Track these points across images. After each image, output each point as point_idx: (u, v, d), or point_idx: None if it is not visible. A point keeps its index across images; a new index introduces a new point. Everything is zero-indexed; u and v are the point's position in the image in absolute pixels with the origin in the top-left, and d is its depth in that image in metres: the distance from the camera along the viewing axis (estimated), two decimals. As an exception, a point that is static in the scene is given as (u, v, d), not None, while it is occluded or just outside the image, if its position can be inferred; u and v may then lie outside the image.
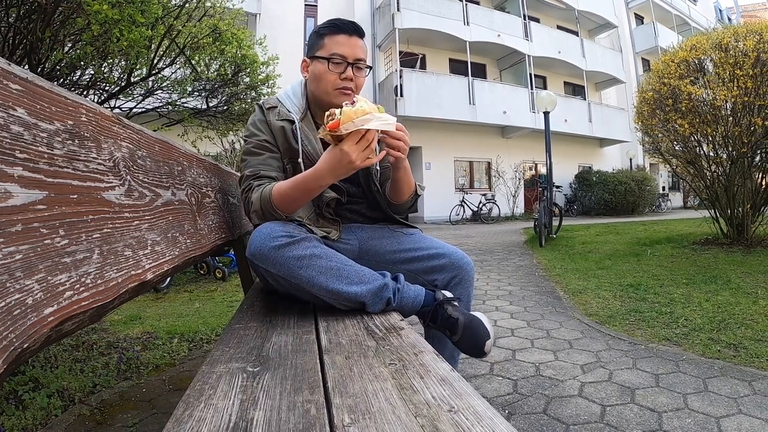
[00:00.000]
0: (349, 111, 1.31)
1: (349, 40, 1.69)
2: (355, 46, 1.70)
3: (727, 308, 3.63)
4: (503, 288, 5.07)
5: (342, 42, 1.68)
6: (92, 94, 4.09)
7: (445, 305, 1.51)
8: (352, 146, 1.35)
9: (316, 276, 1.38)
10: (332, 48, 1.68)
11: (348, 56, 1.68)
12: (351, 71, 1.69)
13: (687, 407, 2.12)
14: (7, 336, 0.62)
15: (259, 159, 1.70)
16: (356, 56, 1.69)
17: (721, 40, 6.23)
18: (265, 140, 1.72)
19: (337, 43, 1.68)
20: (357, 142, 1.35)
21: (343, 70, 1.68)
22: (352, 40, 1.70)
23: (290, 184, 1.52)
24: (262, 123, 1.75)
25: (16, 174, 0.71)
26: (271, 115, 1.75)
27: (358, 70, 1.72)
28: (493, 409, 0.74)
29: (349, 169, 1.40)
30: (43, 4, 2.59)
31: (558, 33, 23.31)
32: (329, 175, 1.44)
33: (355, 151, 1.35)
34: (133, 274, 1.01)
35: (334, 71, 1.68)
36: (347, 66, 1.68)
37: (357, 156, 1.36)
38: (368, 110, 1.32)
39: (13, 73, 0.75)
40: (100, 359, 3.00)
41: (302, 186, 1.49)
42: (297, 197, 1.52)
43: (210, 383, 0.88)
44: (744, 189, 6.40)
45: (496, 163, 21.25)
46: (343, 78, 1.68)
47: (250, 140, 1.75)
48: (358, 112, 1.30)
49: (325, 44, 1.70)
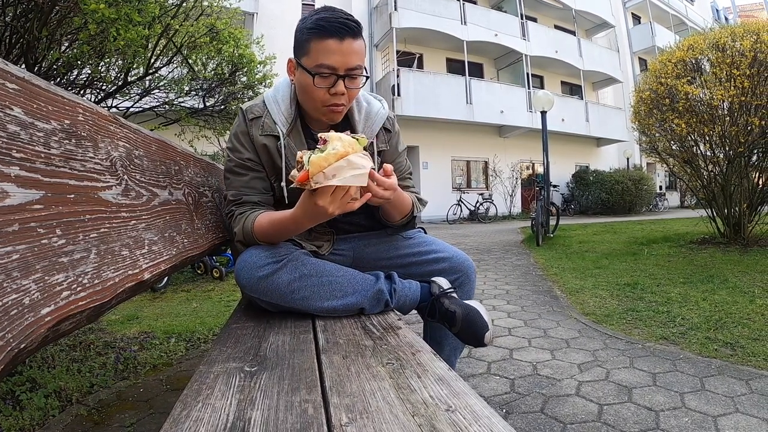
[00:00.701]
0: (318, 159, 1.10)
1: (340, 46, 1.38)
2: (348, 52, 1.39)
3: (724, 307, 3.64)
4: (500, 287, 5.07)
5: (332, 50, 1.37)
6: (89, 93, 4.08)
7: (442, 299, 1.50)
8: (326, 199, 1.18)
9: (309, 298, 1.35)
10: (319, 57, 1.39)
11: (339, 67, 1.39)
12: (342, 85, 1.42)
13: (684, 406, 2.12)
14: (4, 336, 0.62)
15: (242, 181, 1.56)
16: (348, 66, 1.40)
17: (718, 40, 6.24)
18: (248, 158, 1.55)
19: (325, 51, 1.38)
20: (332, 193, 1.18)
21: (332, 84, 1.42)
22: (345, 45, 1.38)
23: (269, 223, 1.41)
24: (244, 136, 1.56)
25: (12, 173, 0.71)
26: (254, 128, 1.55)
27: (352, 80, 1.45)
28: (491, 408, 0.74)
29: (329, 218, 1.26)
30: (39, 3, 2.59)
31: (555, 32, 23.33)
32: (307, 222, 1.32)
33: (331, 204, 1.19)
34: (130, 273, 1.01)
35: (321, 86, 1.42)
36: (338, 79, 1.41)
37: (334, 207, 1.20)
38: (342, 153, 1.11)
39: (10, 72, 0.75)
40: (97, 359, 2.99)
41: (281, 228, 1.39)
42: (277, 236, 1.43)
43: (207, 383, 0.88)
44: (741, 188, 6.41)
45: (493, 162, 21.28)
46: (333, 93, 1.43)
47: (231, 156, 1.58)
48: (329, 158, 1.10)
49: (311, 50, 1.40)
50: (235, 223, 1.53)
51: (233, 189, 1.58)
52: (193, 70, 4.79)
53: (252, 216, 1.47)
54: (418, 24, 19.05)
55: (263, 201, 1.58)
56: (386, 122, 1.72)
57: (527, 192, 21.93)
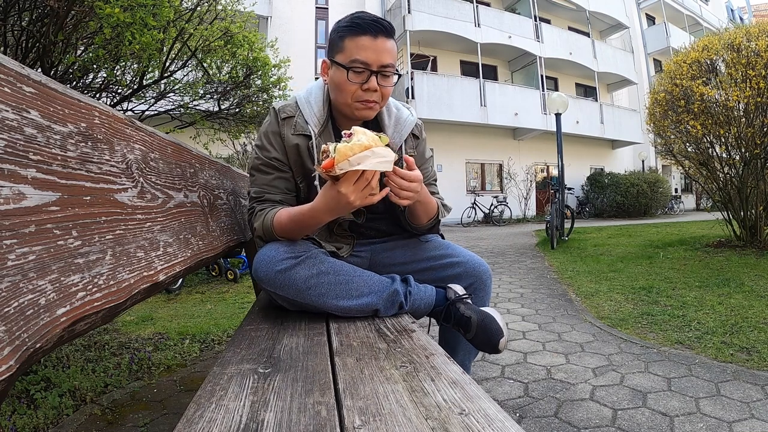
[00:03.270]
0: (344, 148, 1.15)
1: (374, 43, 1.43)
2: (381, 50, 1.45)
3: (740, 311, 3.60)
4: (515, 290, 5.05)
5: (365, 46, 1.43)
6: (105, 96, 4.12)
7: (458, 304, 1.49)
8: (349, 187, 1.21)
9: (325, 295, 1.36)
10: (353, 53, 1.44)
11: (372, 63, 1.44)
12: (375, 81, 1.46)
13: (699, 411, 2.10)
14: (20, 336, 0.62)
15: (266, 179, 1.59)
16: (382, 63, 1.45)
17: (733, 41, 6.19)
18: (275, 158, 1.58)
19: (359, 47, 1.43)
20: (355, 182, 1.21)
21: (365, 80, 1.46)
22: (378, 42, 1.44)
23: (289, 218, 1.43)
24: (275, 135, 1.58)
25: (29, 176, 0.72)
26: (286, 128, 1.57)
27: (385, 78, 1.49)
28: (504, 412, 0.74)
29: (347, 210, 1.29)
30: (55, 8, 2.61)
31: (569, 34, 23.22)
32: (326, 215, 1.34)
33: (353, 192, 1.22)
34: (145, 275, 1.01)
35: (354, 81, 1.46)
36: (371, 75, 1.46)
37: (356, 197, 1.23)
38: (366, 144, 1.17)
39: (27, 75, 0.76)
40: (111, 359, 3.02)
41: (300, 222, 1.41)
42: (296, 231, 1.44)
43: (221, 384, 0.88)
44: (757, 191, 6.34)
45: (508, 165, 21.22)
46: (366, 89, 1.47)
47: (259, 154, 1.61)
48: (354, 149, 1.15)
49: (346, 47, 1.46)
50: (255, 219, 1.54)
51: (257, 186, 1.60)
52: (207, 73, 4.82)
53: (272, 212, 1.49)
54: (432, 26, 19.06)
55: (285, 200, 1.59)
56: (414, 129, 1.73)
57: (542, 194, 21.82)
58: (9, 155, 0.68)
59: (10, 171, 0.68)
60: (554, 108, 9.84)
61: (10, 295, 0.62)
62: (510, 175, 21.09)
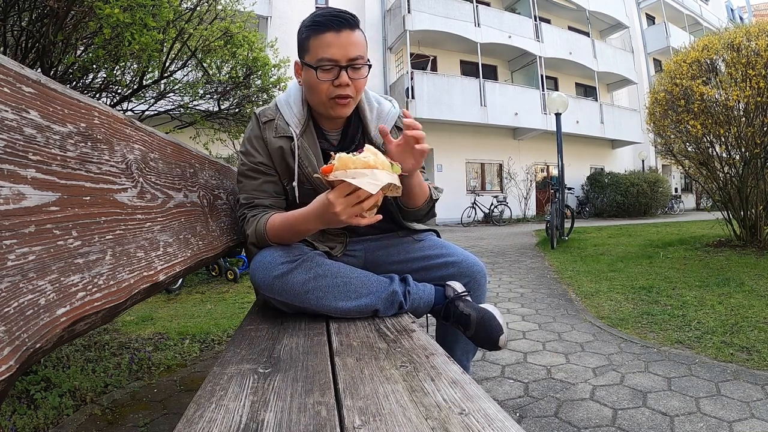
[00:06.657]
0: (347, 159, 1.16)
1: (338, 38, 1.41)
2: (346, 44, 1.42)
3: (740, 311, 3.59)
4: (515, 290, 5.05)
5: (330, 42, 1.41)
6: (104, 96, 4.11)
7: (457, 302, 1.49)
8: (338, 198, 1.20)
9: (323, 298, 1.35)
10: (318, 52, 1.42)
11: (339, 59, 1.42)
12: (345, 76, 1.44)
13: (699, 411, 2.10)
14: (20, 336, 0.62)
15: (254, 184, 1.59)
16: (349, 56, 1.43)
17: (733, 40, 6.18)
18: (261, 162, 1.58)
19: (323, 44, 1.42)
20: (346, 195, 1.20)
21: (336, 76, 1.44)
22: (342, 36, 1.42)
23: (281, 224, 1.44)
24: (258, 140, 1.59)
25: (29, 176, 0.72)
26: (268, 131, 1.57)
27: (355, 70, 1.47)
28: (504, 412, 0.74)
29: (334, 221, 1.27)
30: (55, 8, 2.61)
31: (569, 34, 23.20)
32: (316, 222, 1.33)
33: (341, 205, 1.21)
34: (145, 275, 1.01)
35: (325, 79, 1.44)
36: (341, 70, 1.44)
37: (342, 210, 1.21)
38: (371, 163, 1.16)
39: (26, 76, 0.76)
40: (111, 359, 3.02)
41: (292, 226, 1.41)
42: (288, 236, 1.44)
43: (221, 384, 0.88)
44: (757, 190, 6.33)
45: (508, 164, 21.21)
46: (338, 85, 1.45)
47: (244, 160, 1.60)
48: (357, 162, 1.15)
49: (311, 47, 1.44)
50: (247, 225, 1.54)
51: (245, 192, 1.60)
52: (207, 73, 4.82)
53: (264, 217, 1.49)
54: (432, 26, 19.04)
55: (275, 204, 1.59)
56: (398, 121, 1.71)
57: (542, 194, 21.80)
58: (8, 155, 0.68)
59: (10, 171, 0.68)
60: (554, 108, 9.84)
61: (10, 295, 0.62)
62: (510, 175, 21.08)
